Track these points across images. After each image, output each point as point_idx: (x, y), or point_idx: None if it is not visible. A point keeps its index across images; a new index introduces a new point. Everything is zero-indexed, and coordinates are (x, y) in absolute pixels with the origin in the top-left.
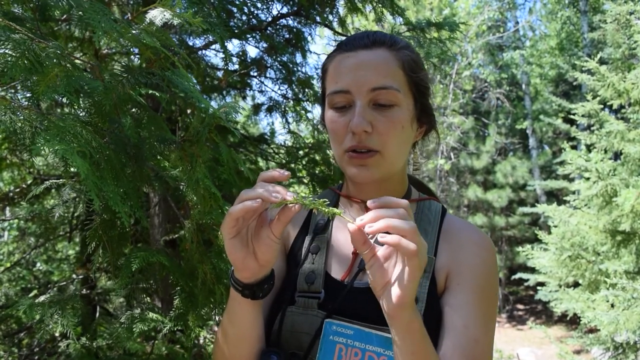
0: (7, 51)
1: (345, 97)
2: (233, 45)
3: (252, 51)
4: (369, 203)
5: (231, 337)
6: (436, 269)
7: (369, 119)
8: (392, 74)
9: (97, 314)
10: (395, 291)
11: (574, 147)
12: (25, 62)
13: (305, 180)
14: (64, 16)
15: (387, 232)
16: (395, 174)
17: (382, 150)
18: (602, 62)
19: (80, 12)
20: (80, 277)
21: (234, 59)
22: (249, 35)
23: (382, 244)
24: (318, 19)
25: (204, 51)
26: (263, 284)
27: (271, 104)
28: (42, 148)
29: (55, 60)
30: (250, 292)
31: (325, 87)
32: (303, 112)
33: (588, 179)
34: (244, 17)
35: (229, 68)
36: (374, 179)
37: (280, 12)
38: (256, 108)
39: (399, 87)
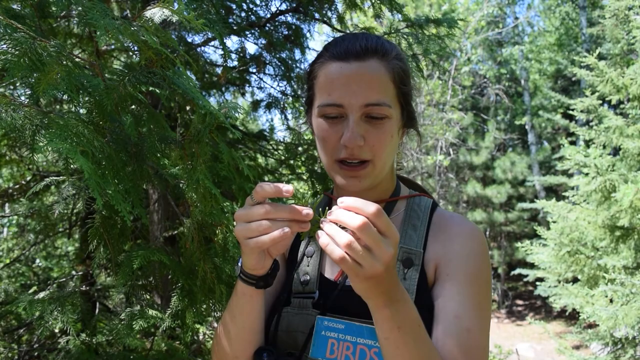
0: (8, 49)
1: (337, 110)
2: (232, 42)
3: (251, 48)
4: (338, 202)
5: (238, 328)
6: (425, 261)
7: (362, 132)
8: (384, 88)
9: (97, 311)
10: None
11: (573, 143)
12: (27, 60)
13: (305, 177)
14: (63, 13)
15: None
16: (383, 177)
17: (374, 160)
18: (600, 57)
19: (79, 9)
20: (80, 273)
21: (233, 56)
22: (247, 32)
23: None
24: (317, 15)
25: (202, 48)
26: (275, 271)
27: (270, 100)
28: (45, 147)
29: (56, 59)
30: (264, 282)
31: (314, 93)
32: (302, 108)
33: (587, 174)
34: (243, 14)
35: (228, 64)
36: (364, 188)
37: (279, 8)
38: (255, 104)
39: (390, 103)
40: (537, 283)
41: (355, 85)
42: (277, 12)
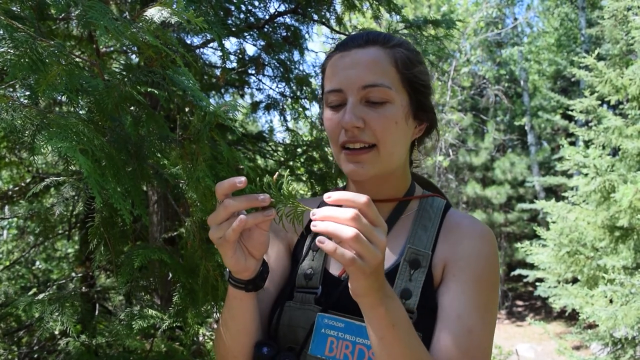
0: (9, 50)
1: (338, 96)
2: (231, 44)
3: (250, 49)
4: (325, 197)
5: (233, 331)
6: (433, 263)
7: (361, 114)
8: (384, 71)
9: (97, 312)
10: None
11: (572, 143)
12: (27, 60)
13: (304, 178)
14: (62, 15)
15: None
16: (394, 171)
17: (378, 145)
18: (600, 58)
19: (79, 10)
20: (80, 275)
21: (232, 57)
22: (246, 34)
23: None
24: (315, 17)
25: (201, 49)
26: (263, 274)
27: (269, 101)
28: (44, 146)
29: (56, 59)
30: (253, 285)
31: (324, 87)
32: (301, 109)
33: (586, 175)
34: (242, 15)
35: (227, 66)
36: (369, 176)
37: (278, 10)
38: (254, 106)
39: (390, 85)
40: (537, 284)
41: (353, 69)
42: (276, 13)
